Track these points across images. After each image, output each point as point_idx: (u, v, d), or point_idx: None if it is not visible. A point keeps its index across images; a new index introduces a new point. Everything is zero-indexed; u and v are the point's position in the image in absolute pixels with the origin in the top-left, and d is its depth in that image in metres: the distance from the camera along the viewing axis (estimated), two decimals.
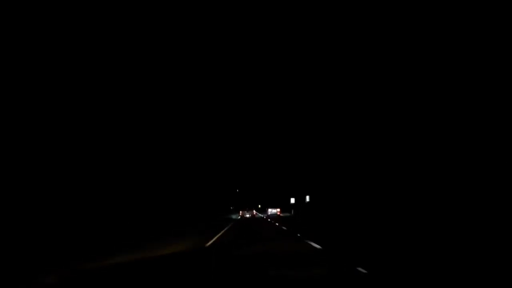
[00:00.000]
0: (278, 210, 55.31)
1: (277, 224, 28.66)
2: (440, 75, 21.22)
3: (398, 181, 25.06)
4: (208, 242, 14.65)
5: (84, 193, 21.01)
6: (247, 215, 46.80)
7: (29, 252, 12.08)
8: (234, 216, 52.27)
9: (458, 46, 20.15)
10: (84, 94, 22.80)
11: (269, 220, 37.39)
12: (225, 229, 23.87)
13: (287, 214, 54.56)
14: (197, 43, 27.70)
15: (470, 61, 19.73)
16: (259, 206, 70.98)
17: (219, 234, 19.27)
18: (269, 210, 56.18)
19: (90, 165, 21.97)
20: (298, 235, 17.19)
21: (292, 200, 60.62)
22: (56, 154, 19.99)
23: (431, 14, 20.76)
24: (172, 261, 9.58)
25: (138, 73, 26.25)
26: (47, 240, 14.84)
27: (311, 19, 25.50)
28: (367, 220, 26.24)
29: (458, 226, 17.32)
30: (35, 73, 20.45)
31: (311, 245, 12.73)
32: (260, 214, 60.66)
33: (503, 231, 14.06)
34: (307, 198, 50.30)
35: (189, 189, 40.76)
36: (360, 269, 7.38)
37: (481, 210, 17.85)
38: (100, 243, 14.63)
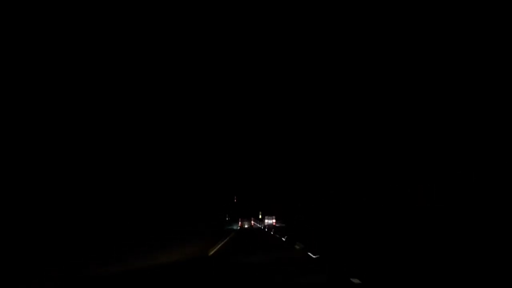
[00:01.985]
0: (274, 220, 55.54)
1: None
2: (440, 75, 21.15)
3: (400, 184, 25.02)
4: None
5: (81, 197, 21.04)
6: (246, 226, 47.56)
7: (28, 254, 12.15)
8: (235, 227, 52.08)
9: (458, 46, 20.07)
10: (84, 94, 22.81)
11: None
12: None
13: (283, 225, 53.91)
14: (197, 45, 27.63)
15: (470, 61, 19.66)
16: (260, 215, 68.93)
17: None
18: (266, 220, 56.39)
19: (86, 171, 21.99)
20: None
21: None
22: (52, 156, 20.02)
23: (431, 14, 20.66)
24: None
25: (138, 74, 26.20)
26: (45, 245, 14.90)
27: (311, 19, 25.41)
28: (367, 226, 26.22)
29: (457, 230, 17.30)
30: (35, 73, 20.47)
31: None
32: (258, 225, 60.07)
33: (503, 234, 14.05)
34: None
35: (184, 197, 40.58)
36: (354, 280, 7.39)
37: (483, 213, 17.82)
38: (98, 251, 14.65)
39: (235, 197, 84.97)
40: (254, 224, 55.94)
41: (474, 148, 19.55)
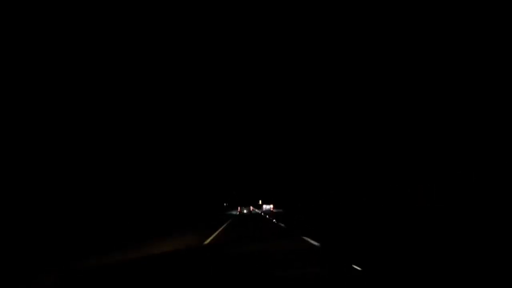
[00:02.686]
0: (271, 206, 59.56)
1: None
2: (440, 75, 21.19)
3: (397, 179, 25.00)
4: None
5: (81, 189, 21.04)
6: (245, 211, 50.21)
7: (27, 251, 12.10)
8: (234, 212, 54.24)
9: (458, 46, 20.12)
10: (84, 94, 22.83)
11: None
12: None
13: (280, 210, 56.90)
14: (197, 43, 27.72)
15: (470, 61, 19.70)
16: (260, 202, 70.62)
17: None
18: (264, 206, 61.07)
19: (88, 164, 22.00)
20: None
21: None
22: (51, 155, 20.03)
23: (431, 14, 20.73)
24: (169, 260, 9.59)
25: (138, 74, 26.26)
26: (46, 238, 14.87)
27: (311, 19, 25.51)
28: (366, 217, 26.16)
29: (459, 224, 17.27)
30: (35, 73, 20.49)
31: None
32: (257, 210, 64.12)
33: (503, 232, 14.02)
34: None
35: (182, 185, 40.59)
36: (355, 267, 7.38)
37: (484, 209, 17.80)
38: (97, 241, 14.65)
39: (234, 189, 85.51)
40: (253, 209, 60.11)
41: (474, 148, 19.56)
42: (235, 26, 26.68)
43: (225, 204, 73.66)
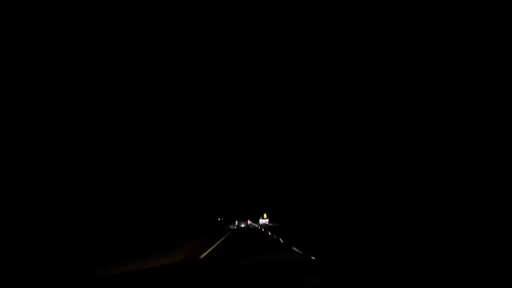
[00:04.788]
0: (267, 220, 61.46)
1: None
2: (439, 76, 21.13)
3: (394, 187, 24.97)
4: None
5: (80, 200, 21.03)
6: (242, 225, 51.03)
7: (29, 257, 12.15)
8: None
9: (458, 46, 20.05)
10: (84, 94, 22.83)
11: None
12: None
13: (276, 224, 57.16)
14: (197, 46, 27.68)
15: (470, 61, 19.64)
16: (264, 215, 69.80)
17: None
18: (260, 220, 62.58)
19: (86, 173, 21.99)
20: None
21: None
22: (53, 157, 20.05)
23: (431, 14, 20.66)
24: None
25: (138, 76, 26.24)
26: (47, 245, 14.90)
27: (311, 19, 25.42)
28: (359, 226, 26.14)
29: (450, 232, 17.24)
30: (35, 73, 20.50)
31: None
32: (255, 225, 64.44)
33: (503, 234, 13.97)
34: None
35: (183, 199, 40.43)
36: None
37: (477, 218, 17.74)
38: (93, 250, 14.64)
39: (232, 199, 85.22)
40: (250, 224, 61.22)
41: (474, 148, 19.51)
42: (236, 29, 26.64)
43: (219, 219, 71.00)
